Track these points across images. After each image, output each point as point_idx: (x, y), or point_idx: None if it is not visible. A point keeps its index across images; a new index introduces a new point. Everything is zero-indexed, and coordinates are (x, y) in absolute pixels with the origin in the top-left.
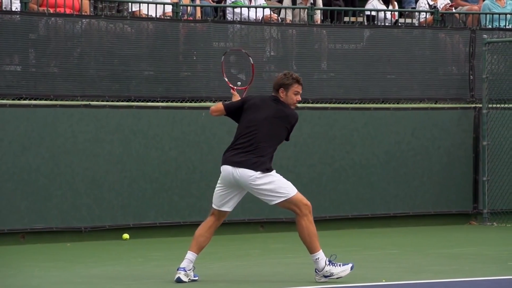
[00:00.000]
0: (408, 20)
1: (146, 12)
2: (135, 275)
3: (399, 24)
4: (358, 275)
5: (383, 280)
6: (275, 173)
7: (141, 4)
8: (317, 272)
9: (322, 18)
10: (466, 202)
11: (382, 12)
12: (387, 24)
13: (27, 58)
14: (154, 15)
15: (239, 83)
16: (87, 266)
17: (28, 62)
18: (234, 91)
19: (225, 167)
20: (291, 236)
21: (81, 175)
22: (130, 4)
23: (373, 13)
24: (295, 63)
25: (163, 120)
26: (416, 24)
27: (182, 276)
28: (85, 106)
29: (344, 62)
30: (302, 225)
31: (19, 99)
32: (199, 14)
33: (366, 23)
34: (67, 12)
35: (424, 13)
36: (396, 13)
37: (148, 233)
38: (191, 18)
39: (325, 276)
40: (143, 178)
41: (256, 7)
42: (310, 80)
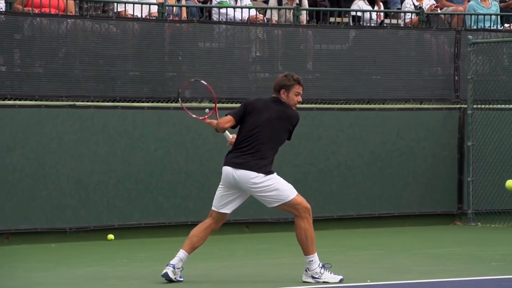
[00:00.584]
0: (394, 21)
1: (132, 13)
2: (120, 276)
3: (385, 25)
4: (343, 275)
5: (368, 281)
6: (276, 175)
7: (126, 4)
8: (306, 271)
9: (307, 19)
10: (451, 202)
11: (368, 12)
12: (372, 24)
13: (12, 58)
14: (139, 16)
15: (207, 110)
16: (71, 266)
17: (13, 62)
18: (207, 119)
19: (225, 168)
20: (276, 237)
21: (66, 175)
22: (115, 4)
23: (358, 13)
24: (280, 63)
25: (149, 120)
26: (402, 25)
27: (170, 272)
28: (70, 106)
29: (330, 62)
30: (301, 226)
31: (3, 100)
32: (184, 15)
33: (351, 24)
34: (52, 12)
35: (410, 13)
36: (382, 13)
37: (133, 233)
38: (177, 19)
39: (313, 277)
40: (128, 179)
41: (242, 8)
42: None
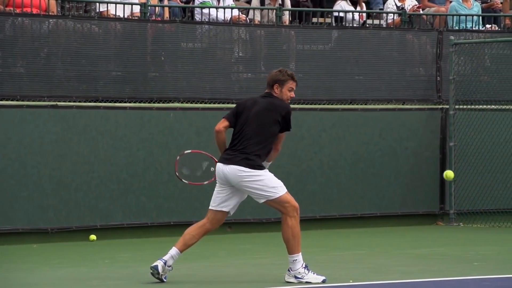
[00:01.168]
0: (376, 21)
1: (114, 12)
2: (102, 276)
3: (367, 25)
4: (326, 275)
5: (351, 281)
6: (266, 172)
7: (108, 4)
8: (289, 271)
9: (290, 19)
10: (433, 202)
11: (350, 13)
12: (355, 25)
13: None
14: (122, 16)
15: (212, 169)
16: (53, 267)
17: None
18: (216, 178)
19: (218, 164)
20: (258, 237)
21: (48, 176)
22: (97, 4)
23: (341, 14)
24: (263, 63)
25: (131, 120)
26: (384, 25)
27: (160, 266)
28: (52, 106)
29: (312, 63)
30: (288, 224)
31: None
32: (167, 15)
33: (334, 24)
34: (34, 12)
35: (392, 14)
36: (364, 14)
37: (115, 234)
38: (159, 19)
39: (295, 277)
40: (110, 179)
41: (224, 8)
42: None
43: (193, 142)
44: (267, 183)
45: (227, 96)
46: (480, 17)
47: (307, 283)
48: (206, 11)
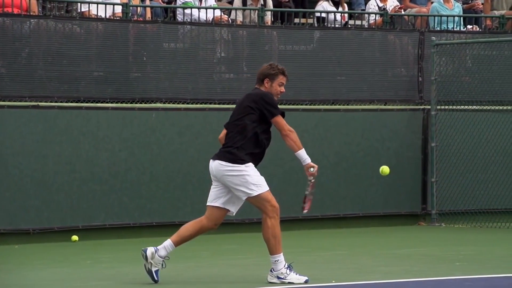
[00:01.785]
0: (358, 22)
1: (96, 13)
2: (84, 277)
3: (349, 26)
4: (308, 276)
5: (333, 281)
6: (250, 168)
7: (90, 4)
8: (271, 272)
9: (272, 20)
10: (415, 203)
11: (332, 13)
12: (337, 25)
13: None
14: (103, 16)
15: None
16: (35, 268)
17: None
18: (310, 199)
19: (210, 161)
20: (242, 238)
21: (29, 176)
22: (79, 4)
23: (323, 14)
24: (245, 64)
25: (113, 121)
26: (366, 26)
27: (149, 252)
28: (33, 107)
29: (294, 63)
30: (268, 225)
31: None
32: (149, 15)
33: (316, 25)
34: (15, 12)
35: (374, 15)
36: (346, 14)
37: (97, 234)
38: (141, 19)
39: (278, 277)
40: (92, 180)
41: (206, 8)
42: None
43: (175, 143)
44: (248, 179)
45: (209, 96)
46: (462, 18)
47: (289, 283)
48: (188, 11)
